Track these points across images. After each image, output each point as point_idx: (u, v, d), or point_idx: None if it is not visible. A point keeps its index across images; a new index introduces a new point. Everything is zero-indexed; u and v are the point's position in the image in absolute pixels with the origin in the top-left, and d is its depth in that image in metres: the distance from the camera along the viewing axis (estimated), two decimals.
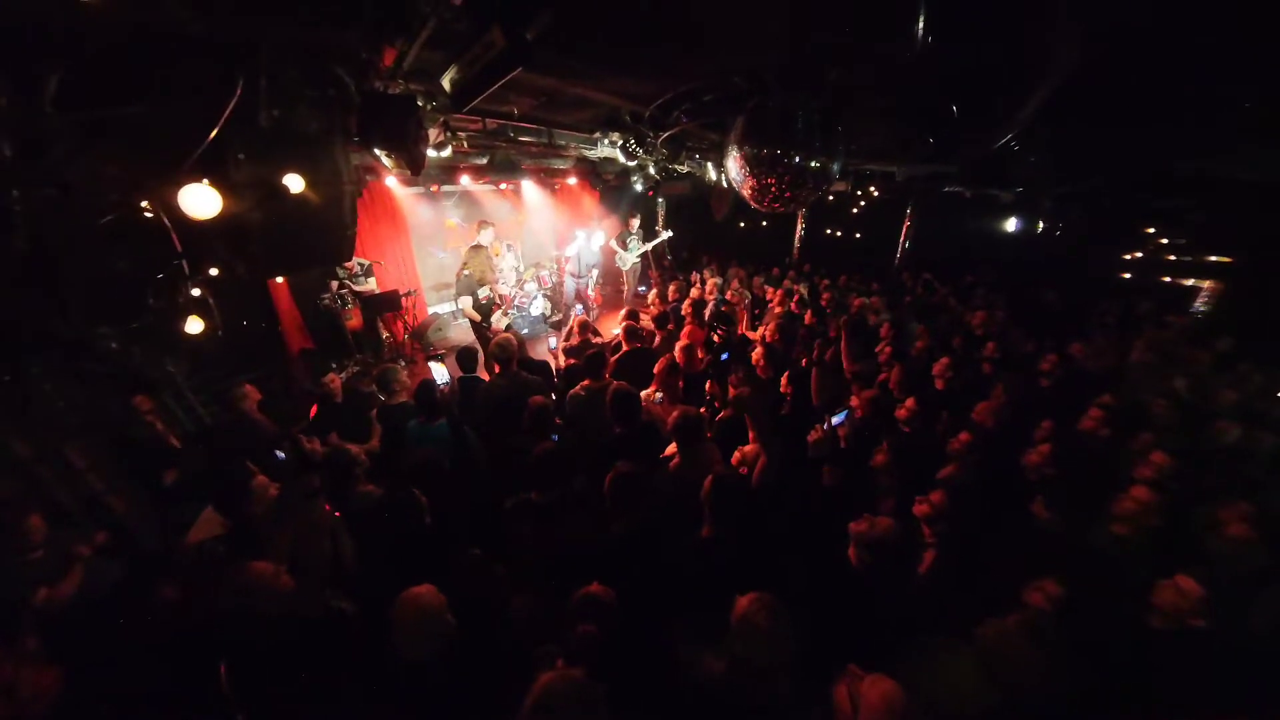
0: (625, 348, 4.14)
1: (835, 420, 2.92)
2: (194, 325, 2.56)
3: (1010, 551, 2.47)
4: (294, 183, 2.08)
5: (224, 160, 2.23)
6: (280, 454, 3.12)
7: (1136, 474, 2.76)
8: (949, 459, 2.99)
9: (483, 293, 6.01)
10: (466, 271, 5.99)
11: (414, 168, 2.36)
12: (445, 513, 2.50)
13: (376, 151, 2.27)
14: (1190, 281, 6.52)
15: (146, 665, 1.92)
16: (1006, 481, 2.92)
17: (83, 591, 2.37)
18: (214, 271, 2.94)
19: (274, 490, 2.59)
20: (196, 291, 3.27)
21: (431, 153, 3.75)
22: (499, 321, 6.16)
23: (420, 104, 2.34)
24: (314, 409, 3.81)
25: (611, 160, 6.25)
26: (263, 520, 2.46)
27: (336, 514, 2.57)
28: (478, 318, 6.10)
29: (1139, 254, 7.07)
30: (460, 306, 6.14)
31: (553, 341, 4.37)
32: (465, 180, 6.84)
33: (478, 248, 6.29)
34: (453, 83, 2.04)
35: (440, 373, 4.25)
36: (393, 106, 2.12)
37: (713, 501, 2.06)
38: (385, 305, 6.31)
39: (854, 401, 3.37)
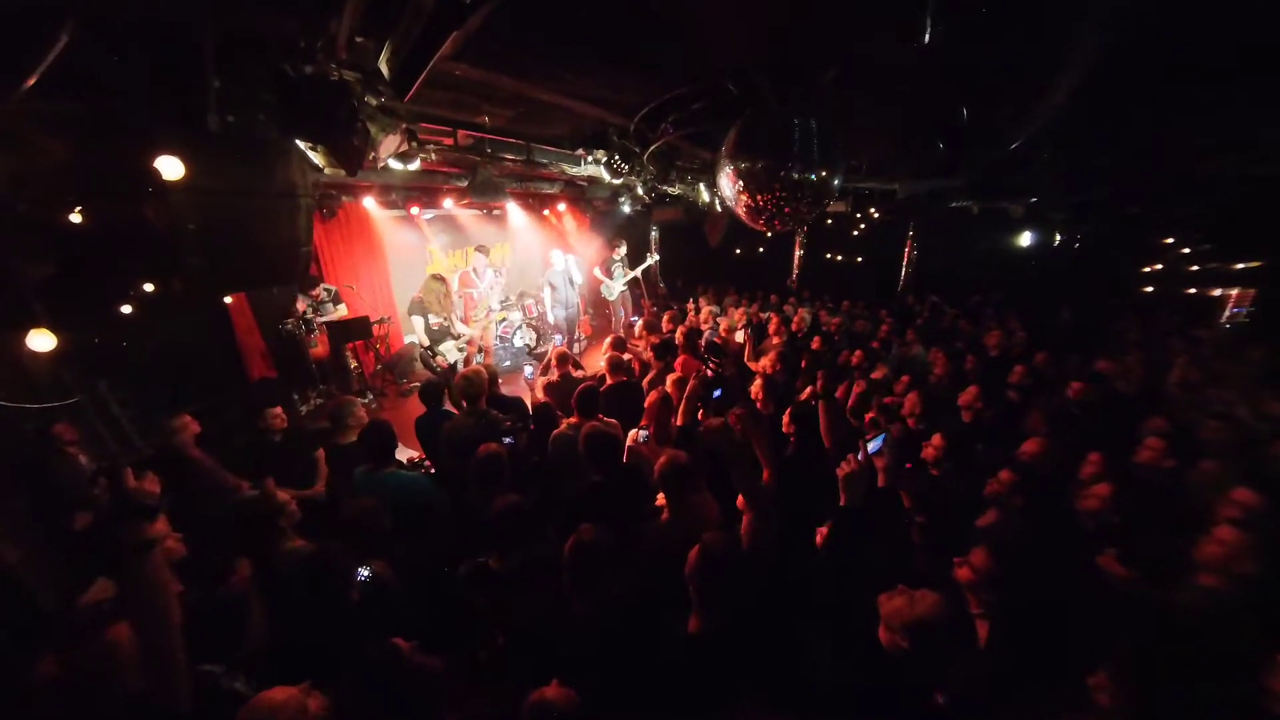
0: (609, 381, 3.70)
1: (871, 448, 2.27)
2: (40, 341, 2.09)
3: (1081, 623, 2.00)
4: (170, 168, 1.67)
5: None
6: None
7: (1220, 513, 2.29)
8: (987, 504, 2.55)
9: (434, 319, 5.78)
10: (418, 295, 5.87)
11: (349, 165, 1.99)
12: (381, 583, 2.03)
13: (301, 144, 1.90)
14: (1218, 291, 6.12)
15: None
16: (1058, 529, 2.47)
17: None
18: (149, 287, 2.65)
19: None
20: (127, 308, 2.90)
21: (396, 164, 3.41)
22: (448, 352, 5.86)
23: (359, 94, 1.98)
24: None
25: (599, 182, 5.97)
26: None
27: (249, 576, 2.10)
28: (427, 342, 5.80)
29: (1159, 265, 6.70)
30: (414, 325, 5.95)
31: (529, 370, 3.90)
32: (448, 204, 6.58)
33: (438, 279, 6.06)
34: (390, 65, 1.70)
35: None
36: (319, 92, 1.75)
37: (699, 581, 1.58)
38: (354, 332, 5.82)
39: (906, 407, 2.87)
